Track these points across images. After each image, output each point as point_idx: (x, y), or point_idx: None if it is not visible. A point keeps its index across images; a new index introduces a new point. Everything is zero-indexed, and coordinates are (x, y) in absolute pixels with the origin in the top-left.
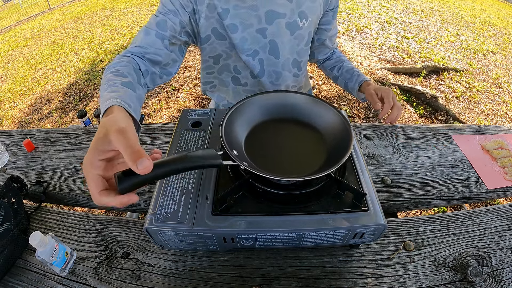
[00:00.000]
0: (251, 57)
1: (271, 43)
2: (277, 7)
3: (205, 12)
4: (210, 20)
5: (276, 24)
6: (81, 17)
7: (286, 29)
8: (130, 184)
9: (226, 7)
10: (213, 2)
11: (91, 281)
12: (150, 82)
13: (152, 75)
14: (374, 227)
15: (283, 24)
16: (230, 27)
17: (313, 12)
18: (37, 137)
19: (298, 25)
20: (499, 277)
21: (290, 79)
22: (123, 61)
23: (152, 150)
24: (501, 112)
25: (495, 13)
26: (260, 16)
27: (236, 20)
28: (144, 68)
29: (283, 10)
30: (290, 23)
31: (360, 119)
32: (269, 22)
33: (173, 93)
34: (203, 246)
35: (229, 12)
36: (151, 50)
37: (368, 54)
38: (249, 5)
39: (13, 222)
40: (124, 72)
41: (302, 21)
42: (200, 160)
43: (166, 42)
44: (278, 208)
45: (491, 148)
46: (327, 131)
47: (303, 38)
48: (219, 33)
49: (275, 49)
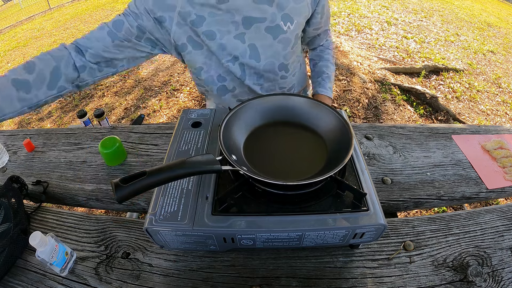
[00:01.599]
0: (231, 63)
1: (251, 47)
2: (255, 12)
3: (177, 19)
4: (184, 28)
5: (255, 29)
6: (81, 17)
7: (266, 33)
8: (128, 192)
9: (201, 14)
10: (186, 10)
11: (91, 281)
12: (88, 75)
13: (90, 70)
14: (374, 227)
15: (263, 28)
16: (207, 33)
17: (298, 13)
18: (37, 137)
19: (282, 29)
20: (499, 277)
21: (277, 82)
22: (54, 55)
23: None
24: (501, 112)
25: (495, 13)
26: (237, 22)
27: (213, 27)
28: (80, 64)
29: (262, 14)
30: (271, 27)
31: (360, 119)
32: (247, 27)
33: (173, 93)
34: (203, 246)
35: (204, 19)
36: (97, 45)
37: (368, 54)
38: (225, 12)
39: (13, 222)
40: (36, 68)
41: (286, 25)
42: (198, 166)
43: (117, 42)
44: (278, 208)
45: (491, 148)
46: (327, 133)
47: (289, 42)
48: (195, 42)
49: (255, 53)
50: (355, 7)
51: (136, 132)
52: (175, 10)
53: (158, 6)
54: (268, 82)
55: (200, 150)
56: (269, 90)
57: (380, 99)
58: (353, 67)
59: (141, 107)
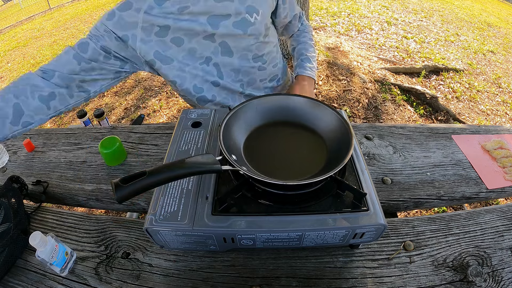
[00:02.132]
0: (205, 64)
1: (222, 45)
2: (218, 10)
3: (141, 36)
4: (149, 44)
5: (223, 27)
6: (81, 17)
7: (235, 29)
8: (128, 192)
9: (165, 23)
10: (149, 24)
11: (91, 281)
12: (60, 104)
13: (60, 96)
14: (374, 227)
15: (230, 24)
16: (174, 40)
17: (261, 3)
18: (37, 137)
19: (250, 21)
20: (499, 277)
21: (255, 73)
22: (16, 92)
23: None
24: (501, 112)
25: (495, 13)
26: (203, 23)
27: (180, 32)
28: (48, 92)
29: (225, 11)
30: (238, 22)
31: (360, 119)
32: (214, 27)
33: (173, 93)
34: (203, 246)
35: (169, 27)
36: (64, 70)
37: (368, 54)
38: (189, 16)
39: (13, 222)
40: None
41: (253, 16)
42: (198, 166)
43: (84, 64)
44: (278, 208)
45: (491, 148)
46: (327, 133)
47: (260, 32)
48: (163, 57)
49: (227, 49)
50: (355, 7)
51: (136, 132)
52: (137, 27)
53: (119, 26)
54: (247, 77)
55: (200, 150)
56: (251, 85)
57: (380, 99)
58: (353, 67)
59: (141, 107)
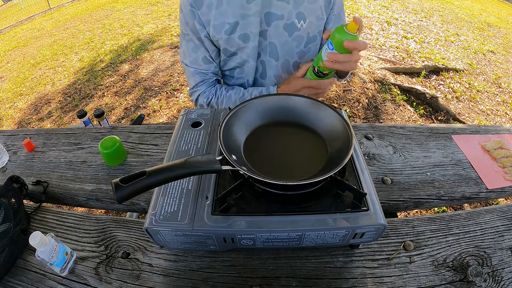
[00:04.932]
0: (258, 61)
1: (271, 45)
2: (275, 9)
3: (212, 33)
4: (218, 42)
5: (274, 26)
6: (81, 17)
7: (284, 31)
8: (128, 192)
9: (234, 20)
10: (218, 22)
11: (91, 281)
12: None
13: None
14: (374, 227)
15: (281, 25)
16: (242, 37)
17: (311, 13)
18: (37, 137)
19: (296, 26)
20: (499, 277)
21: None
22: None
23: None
24: (501, 112)
25: (495, 13)
26: (261, 19)
27: (247, 29)
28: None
29: (281, 11)
30: (288, 24)
31: (360, 119)
32: (268, 23)
33: (173, 93)
34: (203, 246)
35: (238, 24)
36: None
37: (368, 54)
38: (254, 11)
39: (13, 222)
40: None
41: (300, 22)
42: (198, 166)
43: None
44: (278, 208)
45: (491, 148)
46: (327, 133)
47: (302, 40)
48: (230, 53)
49: (274, 51)
50: (355, 7)
51: (136, 132)
52: (210, 25)
53: (196, 23)
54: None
55: (200, 150)
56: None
57: (380, 99)
58: None
59: (141, 107)
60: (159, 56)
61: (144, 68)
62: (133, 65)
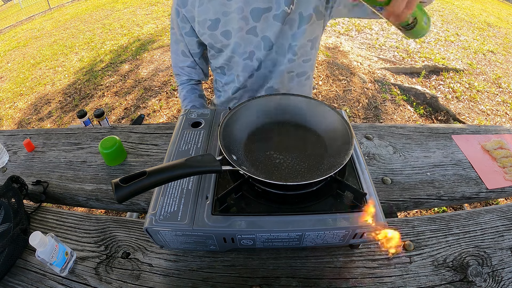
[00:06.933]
0: (248, 60)
1: (264, 39)
2: (259, 3)
3: (197, 28)
4: (203, 37)
5: (264, 20)
6: (81, 17)
7: (274, 21)
8: (128, 192)
9: (215, 17)
10: (202, 18)
11: (91, 281)
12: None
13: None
14: (374, 227)
15: (271, 17)
16: (224, 34)
17: None
18: (37, 137)
19: (286, 12)
20: (499, 277)
21: (283, 65)
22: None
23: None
24: (501, 112)
25: (495, 13)
26: (246, 16)
27: (229, 26)
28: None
29: (267, 4)
30: (277, 14)
31: (360, 119)
32: (256, 19)
33: (173, 93)
34: (203, 246)
35: (219, 21)
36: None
37: (368, 54)
38: (235, 8)
39: (13, 222)
40: None
41: (289, 7)
42: (198, 166)
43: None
44: (278, 208)
45: (491, 148)
46: (327, 133)
47: (294, 22)
48: (217, 48)
49: (268, 42)
50: None
51: (136, 132)
52: (195, 21)
53: (182, 19)
54: (278, 67)
55: (200, 150)
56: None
57: (380, 99)
58: (353, 67)
59: (141, 107)
60: (159, 56)
61: (144, 68)
62: (133, 65)
